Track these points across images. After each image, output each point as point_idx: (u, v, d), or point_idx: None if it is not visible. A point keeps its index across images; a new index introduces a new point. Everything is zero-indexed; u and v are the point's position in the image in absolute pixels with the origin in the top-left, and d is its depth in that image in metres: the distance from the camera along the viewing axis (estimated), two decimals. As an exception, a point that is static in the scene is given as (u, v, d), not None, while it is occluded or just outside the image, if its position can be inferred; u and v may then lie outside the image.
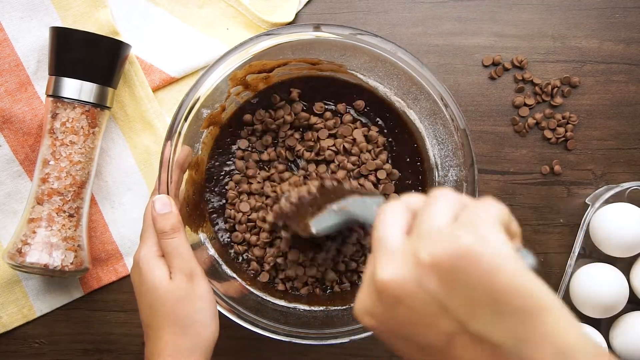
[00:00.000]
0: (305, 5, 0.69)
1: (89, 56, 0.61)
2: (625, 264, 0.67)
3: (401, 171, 0.65)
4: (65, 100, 0.61)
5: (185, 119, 0.57)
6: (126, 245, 0.68)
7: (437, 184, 0.63)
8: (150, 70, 0.67)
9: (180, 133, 0.56)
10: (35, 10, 0.65)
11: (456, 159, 0.60)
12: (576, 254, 0.66)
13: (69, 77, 0.60)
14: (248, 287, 0.63)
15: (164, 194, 0.55)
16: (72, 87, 0.60)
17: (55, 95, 0.61)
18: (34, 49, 0.65)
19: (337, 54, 0.61)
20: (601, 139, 0.69)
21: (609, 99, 0.69)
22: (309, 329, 0.58)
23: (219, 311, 0.55)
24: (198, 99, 0.57)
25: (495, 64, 0.69)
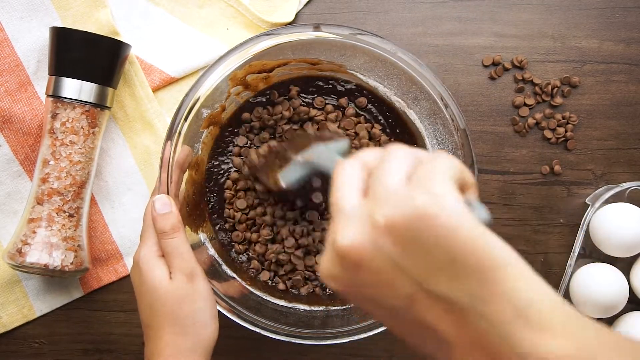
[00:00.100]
0: (305, 5, 0.69)
1: (89, 56, 0.61)
2: (625, 264, 0.67)
3: (401, 171, 0.65)
4: (65, 100, 0.61)
5: (185, 119, 0.57)
6: (126, 245, 0.68)
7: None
8: (150, 70, 0.67)
9: (180, 133, 0.56)
10: (35, 10, 0.65)
11: (456, 159, 0.60)
12: (576, 254, 0.66)
13: (69, 77, 0.60)
14: (248, 287, 0.63)
15: (164, 194, 0.55)
16: (72, 87, 0.60)
17: (55, 95, 0.61)
18: (34, 49, 0.65)
19: (337, 54, 0.61)
20: (601, 139, 0.69)
21: (609, 99, 0.69)
22: (309, 329, 0.58)
23: (219, 311, 0.55)
24: (198, 99, 0.57)
25: (495, 64, 0.69)
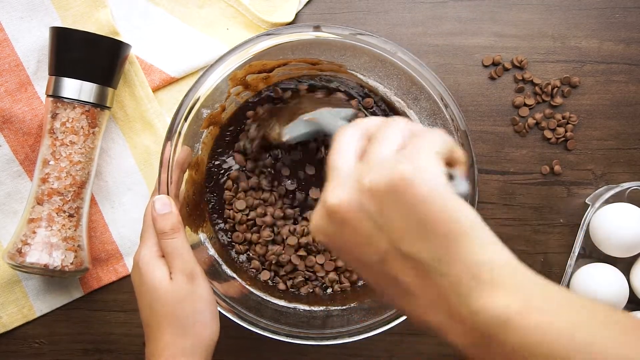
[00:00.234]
0: (305, 5, 0.68)
1: (89, 56, 0.61)
2: (625, 264, 0.67)
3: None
4: (65, 100, 0.61)
5: (185, 119, 0.57)
6: (126, 245, 0.68)
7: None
8: (150, 70, 0.67)
9: (180, 133, 0.56)
10: (35, 10, 0.65)
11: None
12: (576, 254, 0.66)
13: (69, 77, 0.60)
14: (248, 287, 0.63)
15: (164, 194, 0.55)
16: (72, 87, 0.60)
17: (55, 95, 0.61)
18: (34, 49, 0.65)
19: (337, 54, 0.61)
20: (601, 139, 0.69)
21: (609, 99, 0.69)
22: (309, 329, 0.58)
23: (219, 311, 0.55)
24: (198, 99, 0.57)
25: (495, 64, 0.69)
